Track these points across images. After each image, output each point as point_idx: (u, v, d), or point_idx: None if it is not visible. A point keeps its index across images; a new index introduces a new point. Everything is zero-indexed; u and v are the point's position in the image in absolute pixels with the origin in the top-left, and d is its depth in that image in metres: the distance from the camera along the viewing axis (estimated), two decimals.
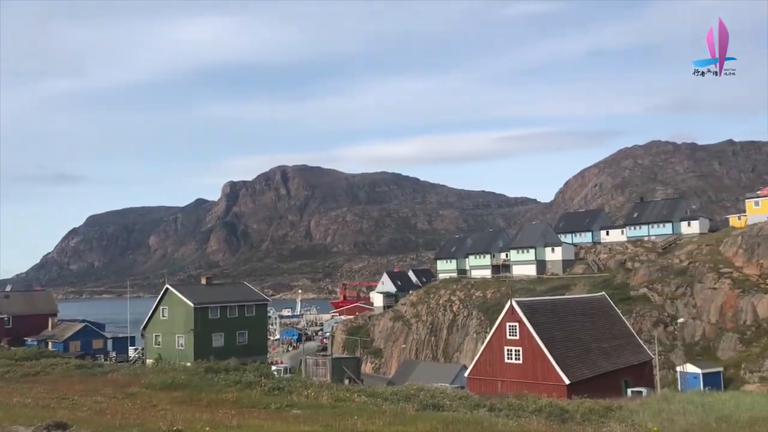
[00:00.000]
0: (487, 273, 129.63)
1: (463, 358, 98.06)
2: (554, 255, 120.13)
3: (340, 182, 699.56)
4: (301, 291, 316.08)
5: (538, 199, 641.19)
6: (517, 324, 49.80)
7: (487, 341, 53.50)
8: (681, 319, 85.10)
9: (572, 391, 43.55)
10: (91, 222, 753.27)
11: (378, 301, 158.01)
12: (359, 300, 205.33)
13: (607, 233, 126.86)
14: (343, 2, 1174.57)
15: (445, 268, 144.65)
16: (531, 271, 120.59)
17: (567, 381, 46.05)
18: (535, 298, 64.63)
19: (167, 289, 78.63)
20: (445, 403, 27.15)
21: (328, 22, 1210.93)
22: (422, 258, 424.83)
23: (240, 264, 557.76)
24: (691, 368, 70.69)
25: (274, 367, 68.24)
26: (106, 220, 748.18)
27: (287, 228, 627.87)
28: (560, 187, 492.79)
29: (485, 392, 40.58)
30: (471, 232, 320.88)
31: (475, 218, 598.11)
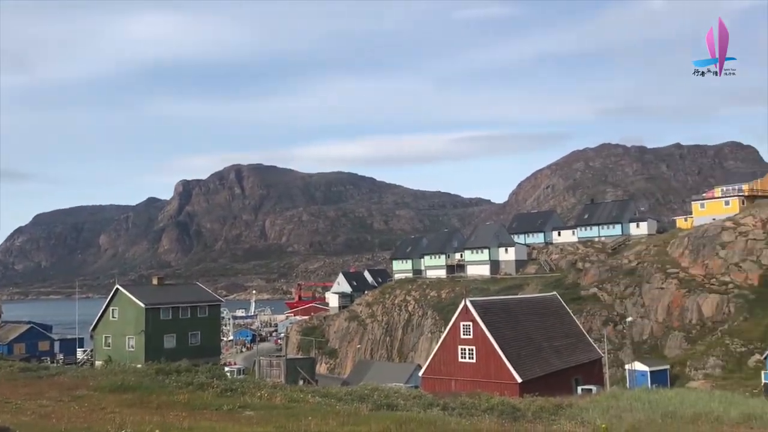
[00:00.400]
0: (442, 273, 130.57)
1: (418, 358, 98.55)
2: (507, 255, 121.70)
3: (295, 182, 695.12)
4: (255, 291, 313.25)
5: (492, 200, 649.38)
6: (470, 323, 50.28)
7: (441, 341, 53.86)
8: (629, 318, 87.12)
9: (524, 389, 44.18)
10: (38, 221, 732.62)
11: (333, 301, 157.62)
12: (314, 300, 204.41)
13: (559, 234, 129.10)
14: (298, 1, 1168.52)
15: (401, 269, 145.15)
16: (485, 271, 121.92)
17: (519, 379, 46.69)
18: (489, 298, 65.33)
19: (117, 289, 77.04)
20: (399, 403, 27.23)
21: (282, 20, 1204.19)
22: (378, 258, 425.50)
23: (193, 264, 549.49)
24: (639, 366, 72.45)
25: (227, 369, 67.44)
26: (54, 219, 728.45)
27: (241, 228, 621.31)
28: (514, 189, 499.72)
29: (439, 391, 40.88)
30: (427, 232, 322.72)
31: (430, 218, 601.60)
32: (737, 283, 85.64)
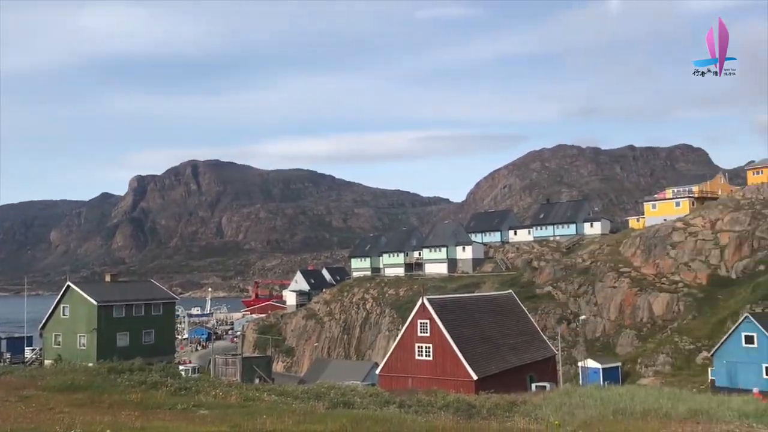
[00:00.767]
0: (400, 271, 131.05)
1: (376, 356, 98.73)
2: (465, 254, 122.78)
3: (253, 178, 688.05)
4: (211, 289, 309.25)
5: (450, 199, 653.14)
6: (428, 321, 50.54)
7: (398, 339, 54.02)
8: (583, 317, 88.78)
9: (480, 386, 44.63)
10: None
11: (291, 299, 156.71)
12: (272, 298, 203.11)
13: (515, 233, 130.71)
14: None
15: (360, 267, 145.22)
16: (443, 269, 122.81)
17: (475, 377, 47.12)
18: (446, 296, 65.80)
19: (69, 286, 75.29)
20: (355, 401, 27.23)
21: (241, 15, 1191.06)
22: (337, 256, 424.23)
23: (147, 261, 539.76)
24: (591, 363, 73.97)
25: (181, 367, 66.63)
26: (2, 214, 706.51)
27: (197, 224, 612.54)
28: (472, 188, 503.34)
29: (396, 389, 40.97)
30: (385, 230, 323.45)
31: (389, 217, 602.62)
32: (687, 283, 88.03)
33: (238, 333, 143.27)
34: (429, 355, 50.24)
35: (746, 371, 62.57)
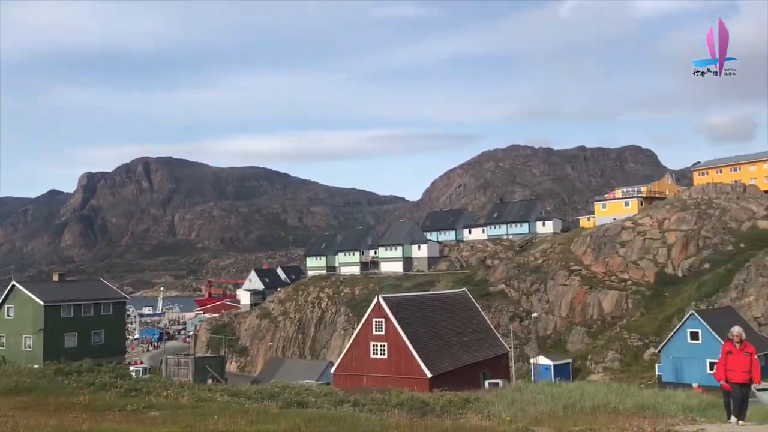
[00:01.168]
0: (356, 270, 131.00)
1: (331, 355, 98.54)
2: (420, 252, 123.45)
3: (206, 176, 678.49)
4: (163, 288, 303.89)
5: (406, 197, 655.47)
6: (383, 320, 50.71)
7: (353, 337, 54.06)
8: (535, 314, 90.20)
9: (434, 384, 44.93)
10: None
11: (245, 298, 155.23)
12: (225, 298, 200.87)
13: (470, 232, 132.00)
14: None
15: (315, 265, 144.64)
16: (398, 267, 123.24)
17: (429, 374, 47.47)
18: (401, 295, 66.08)
19: (14, 285, 73.15)
20: (309, 400, 27.10)
21: (194, 10, 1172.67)
22: (292, 255, 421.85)
23: (97, 260, 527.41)
24: (543, 360, 75.24)
25: (132, 368, 65.44)
26: None
27: (149, 222, 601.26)
28: (427, 187, 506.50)
29: (351, 388, 40.99)
30: (341, 229, 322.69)
31: (345, 215, 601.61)
32: (635, 280, 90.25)
33: (191, 333, 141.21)
34: (384, 354, 50.41)
35: (691, 366, 64.45)
